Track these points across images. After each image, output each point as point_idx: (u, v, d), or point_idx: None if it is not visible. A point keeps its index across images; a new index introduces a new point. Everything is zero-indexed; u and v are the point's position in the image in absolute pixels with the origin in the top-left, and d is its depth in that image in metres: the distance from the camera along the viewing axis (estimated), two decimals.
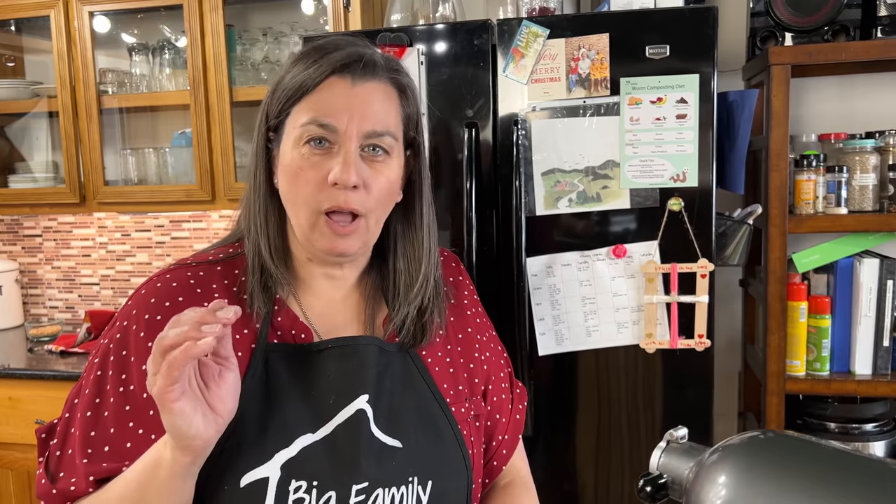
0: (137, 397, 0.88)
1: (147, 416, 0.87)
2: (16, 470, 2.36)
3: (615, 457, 1.83)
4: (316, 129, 0.89)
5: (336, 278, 1.00)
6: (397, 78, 0.96)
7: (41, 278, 3.00)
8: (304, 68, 0.91)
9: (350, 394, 0.91)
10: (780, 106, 1.85)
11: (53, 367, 2.33)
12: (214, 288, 0.95)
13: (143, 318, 0.91)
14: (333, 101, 0.89)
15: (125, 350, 0.90)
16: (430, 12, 2.09)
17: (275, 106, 0.93)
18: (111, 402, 0.88)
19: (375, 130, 0.91)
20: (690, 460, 0.66)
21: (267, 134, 0.96)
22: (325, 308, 1.00)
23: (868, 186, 1.93)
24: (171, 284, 0.94)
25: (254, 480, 0.85)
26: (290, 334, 0.95)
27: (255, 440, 0.87)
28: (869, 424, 1.94)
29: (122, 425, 0.88)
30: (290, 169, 0.91)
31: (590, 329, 1.79)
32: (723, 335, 2.38)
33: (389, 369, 0.96)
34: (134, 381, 0.88)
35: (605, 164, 1.74)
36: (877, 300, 1.91)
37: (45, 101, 2.64)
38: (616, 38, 1.71)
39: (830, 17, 1.98)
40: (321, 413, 0.90)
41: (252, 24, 2.59)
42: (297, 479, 0.86)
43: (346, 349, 0.94)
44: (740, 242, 1.90)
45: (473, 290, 1.15)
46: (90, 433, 0.88)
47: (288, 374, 0.91)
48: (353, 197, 0.89)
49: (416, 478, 0.91)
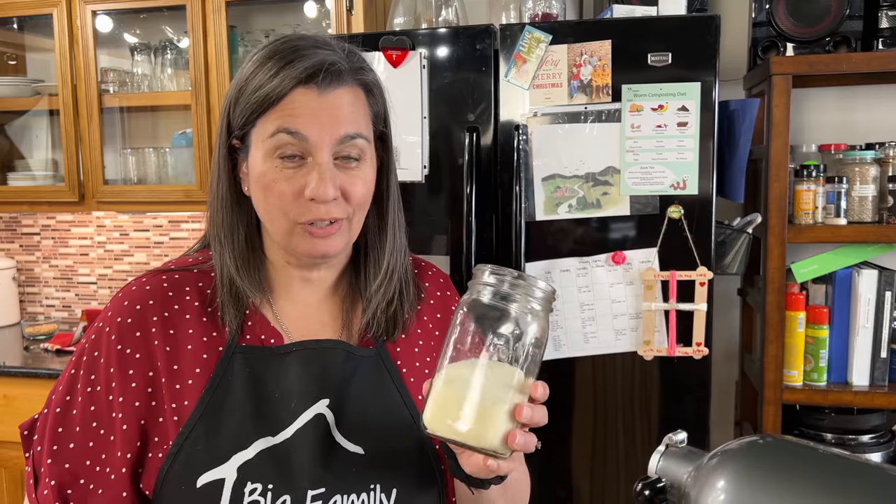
0: (103, 399, 0.89)
1: (109, 418, 0.89)
2: (9, 468, 2.36)
3: (611, 463, 1.83)
4: (286, 138, 0.87)
5: (313, 281, 0.99)
6: (363, 78, 0.94)
7: (38, 276, 2.99)
8: (267, 78, 0.88)
9: (311, 398, 0.90)
10: (780, 116, 1.86)
11: (49, 366, 2.33)
12: (188, 291, 0.95)
13: (115, 321, 0.92)
14: (302, 111, 0.87)
15: (97, 351, 0.91)
16: (432, 16, 2.10)
17: (239, 117, 0.91)
18: (79, 401, 0.90)
19: (348, 134, 0.89)
20: (689, 464, 0.66)
21: (229, 143, 0.94)
22: (300, 312, 0.99)
23: (867, 197, 1.93)
24: (145, 288, 0.94)
25: (210, 481, 0.85)
26: (260, 339, 0.94)
27: (213, 441, 0.87)
28: (865, 436, 1.94)
29: (87, 425, 0.89)
30: (264, 181, 0.89)
31: (588, 335, 1.79)
32: (720, 344, 2.38)
33: (357, 374, 0.95)
34: (101, 383, 0.90)
35: (606, 171, 1.75)
36: (875, 311, 1.91)
37: (46, 99, 2.64)
38: (618, 45, 1.72)
39: (832, 29, 1.98)
40: (282, 416, 0.89)
41: (255, 25, 2.59)
42: (252, 482, 0.86)
43: (310, 352, 0.93)
44: (739, 251, 1.91)
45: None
46: (58, 429, 0.90)
47: (252, 376, 0.91)
48: (332, 208, 0.89)
49: (379, 485, 0.90)
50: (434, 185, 1.84)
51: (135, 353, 0.90)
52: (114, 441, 0.88)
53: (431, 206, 1.84)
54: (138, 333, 0.91)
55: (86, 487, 0.88)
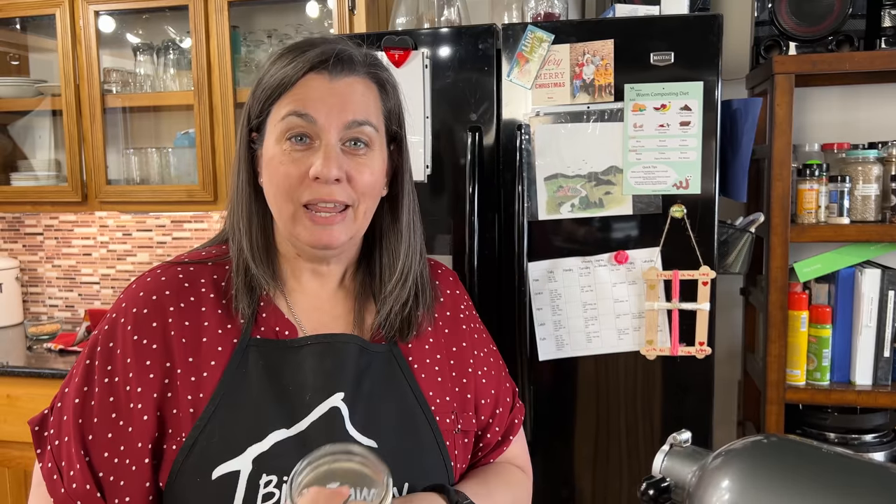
0: (120, 390, 0.89)
1: (128, 409, 0.89)
2: (13, 468, 2.36)
3: (613, 463, 1.83)
4: (295, 120, 0.90)
5: (323, 274, 1.00)
6: (376, 73, 0.96)
7: (42, 276, 3.00)
8: (281, 67, 0.92)
9: (326, 391, 0.91)
10: (783, 115, 1.85)
11: (52, 366, 2.33)
12: (203, 283, 0.96)
13: (130, 311, 0.93)
14: (312, 94, 0.90)
15: (112, 342, 0.92)
16: (435, 16, 2.10)
17: (256, 106, 0.94)
18: (96, 392, 0.90)
19: (356, 120, 0.91)
20: (693, 464, 0.66)
21: (250, 134, 0.96)
22: (312, 305, 1.00)
23: (870, 196, 1.93)
24: (161, 279, 0.95)
25: (225, 473, 0.86)
26: (274, 331, 0.95)
27: (229, 434, 0.88)
28: (868, 435, 1.93)
29: (106, 415, 0.89)
30: (272, 164, 0.92)
31: (590, 335, 1.79)
32: (723, 343, 2.38)
33: (371, 369, 0.96)
34: (119, 374, 0.90)
35: (608, 170, 1.75)
36: (878, 311, 1.91)
37: (49, 99, 2.64)
38: (621, 45, 1.72)
39: (835, 28, 1.98)
40: (297, 409, 0.90)
41: (257, 25, 2.59)
42: (268, 474, 0.86)
43: (324, 346, 0.94)
44: (742, 251, 1.90)
45: (471, 306, 1.14)
46: (79, 420, 0.90)
47: (266, 369, 0.92)
48: (336, 190, 0.90)
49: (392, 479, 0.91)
50: (437, 185, 1.84)
51: (152, 343, 0.91)
52: (132, 432, 0.88)
53: (434, 205, 1.84)
54: (155, 324, 0.92)
55: (106, 479, 0.88)
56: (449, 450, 0.97)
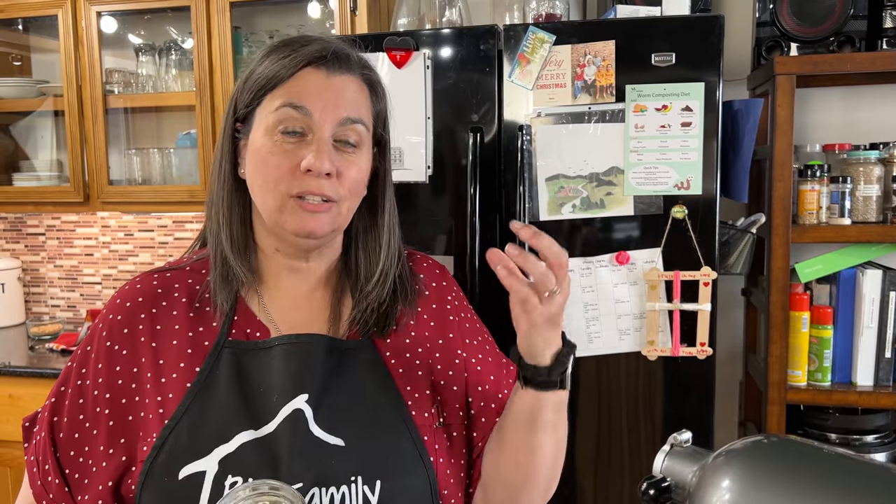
0: (89, 393, 0.93)
1: (94, 412, 0.92)
2: (14, 468, 2.36)
3: (615, 463, 1.83)
4: (290, 112, 0.90)
5: (301, 272, 1.00)
6: (369, 74, 0.98)
7: (43, 276, 3.00)
8: (277, 59, 0.92)
9: (290, 392, 0.92)
10: (784, 116, 1.86)
11: (54, 366, 2.34)
12: (177, 288, 0.98)
13: (108, 318, 0.97)
14: (308, 88, 0.91)
15: (90, 346, 0.96)
16: (436, 17, 2.10)
17: (246, 95, 0.94)
18: (69, 393, 0.95)
19: (349, 117, 0.92)
20: (694, 464, 0.66)
21: (234, 124, 0.96)
22: (288, 303, 1.00)
23: (872, 197, 1.93)
24: (136, 287, 0.98)
25: (191, 473, 0.87)
26: (245, 332, 0.96)
27: (196, 434, 0.89)
28: (870, 436, 1.93)
29: (74, 416, 0.93)
30: (260, 154, 0.91)
31: (591, 335, 1.79)
32: (724, 344, 2.38)
33: (341, 366, 0.95)
34: (90, 377, 0.94)
35: (610, 171, 1.75)
36: (879, 311, 1.91)
37: (51, 100, 2.65)
38: (622, 46, 1.72)
39: (836, 28, 1.98)
40: (265, 411, 0.91)
41: (259, 26, 2.59)
42: (233, 475, 0.87)
43: (291, 347, 0.94)
44: (743, 251, 1.90)
45: (461, 297, 1.12)
46: (53, 418, 0.95)
47: (238, 370, 0.93)
48: (325, 184, 0.90)
49: (360, 477, 0.90)
50: (438, 186, 1.84)
51: (122, 349, 0.94)
52: (97, 435, 0.91)
53: (435, 206, 1.84)
54: (126, 330, 0.95)
55: (72, 477, 0.92)
56: (427, 445, 0.95)
